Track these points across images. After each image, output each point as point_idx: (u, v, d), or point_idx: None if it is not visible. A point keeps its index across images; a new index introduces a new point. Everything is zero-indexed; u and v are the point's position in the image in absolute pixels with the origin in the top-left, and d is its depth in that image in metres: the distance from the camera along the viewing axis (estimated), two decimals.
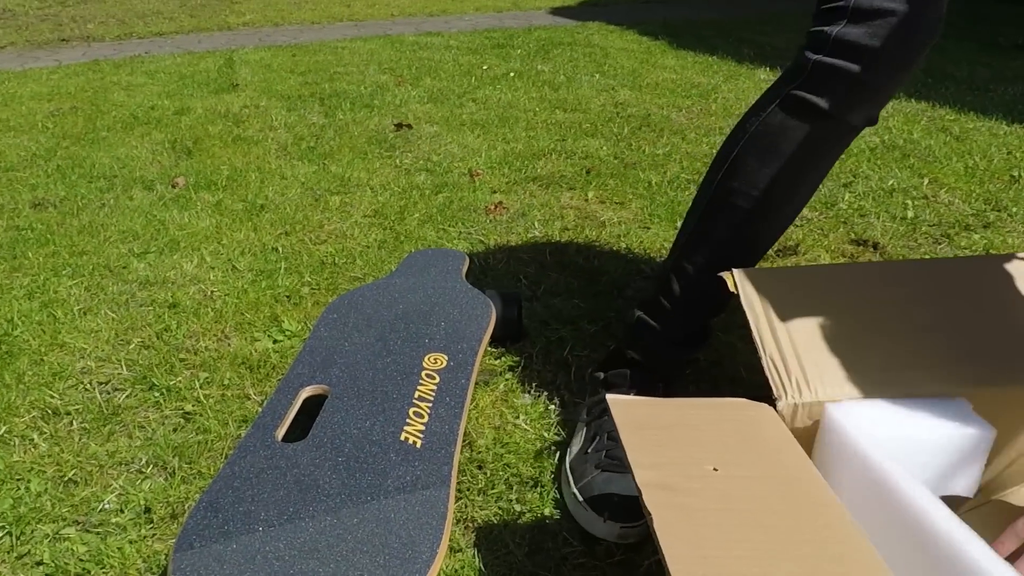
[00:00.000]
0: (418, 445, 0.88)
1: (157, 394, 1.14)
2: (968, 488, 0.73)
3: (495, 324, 1.18)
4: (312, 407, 1.02)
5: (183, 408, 1.11)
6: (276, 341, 1.27)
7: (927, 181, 1.94)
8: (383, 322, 1.14)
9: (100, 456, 1.02)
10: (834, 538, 0.58)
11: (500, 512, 0.91)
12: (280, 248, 1.61)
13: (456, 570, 0.83)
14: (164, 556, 0.86)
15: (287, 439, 0.92)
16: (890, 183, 1.93)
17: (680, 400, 0.75)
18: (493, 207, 1.79)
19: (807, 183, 0.89)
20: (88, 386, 1.17)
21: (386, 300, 1.20)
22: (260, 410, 1.03)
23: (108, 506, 0.94)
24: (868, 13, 0.78)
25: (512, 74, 3.21)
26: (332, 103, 2.75)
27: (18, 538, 0.89)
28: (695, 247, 0.95)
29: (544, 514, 0.91)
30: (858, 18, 0.78)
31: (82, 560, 0.86)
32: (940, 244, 1.60)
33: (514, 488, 0.95)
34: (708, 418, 0.72)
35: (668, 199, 1.83)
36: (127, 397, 1.14)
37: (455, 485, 0.86)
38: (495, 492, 0.94)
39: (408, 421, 0.92)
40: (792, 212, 0.91)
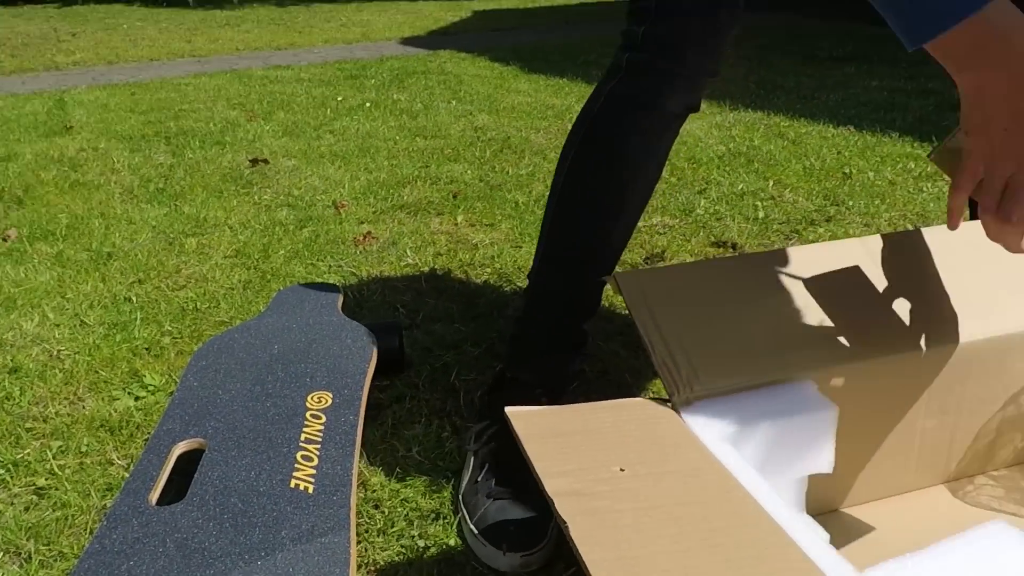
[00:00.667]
0: (310, 491, 0.83)
1: (2, 471, 1.02)
2: (826, 464, 0.78)
3: (377, 356, 1.13)
4: (188, 464, 0.94)
5: (35, 483, 1.00)
6: (138, 398, 1.17)
7: (772, 183, 2.06)
8: (259, 365, 1.07)
9: None
10: (743, 523, 0.59)
11: (403, 551, 0.87)
12: (134, 297, 1.50)
13: None
14: None
15: (162, 502, 0.84)
16: (740, 187, 2.03)
17: (580, 405, 0.74)
18: (362, 238, 1.74)
19: (644, 175, 0.92)
20: None
21: (259, 341, 1.14)
22: (127, 475, 0.94)
23: None
24: (670, 10, 0.83)
25: (368, 104, 3.17)
26: (180, 142, 2.61)
27: None
28: (551, 254, 0.96)
29: (449, 546, 0.88)
30: (662, 15, 0.84)
31: None
32: (791, 239, 1.70)
33: (415, 524, 0.91)
34: (609, 420, 0.71)
35: (536, 217, 1.85)
36: None
37: (355, 528, 0.81)
38: (395, 530, 0.90)
39: (297, 466, 0.86)
40: (637, 205, 0.94)
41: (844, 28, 5.18)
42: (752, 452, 0.76)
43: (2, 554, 0.89)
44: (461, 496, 0.92)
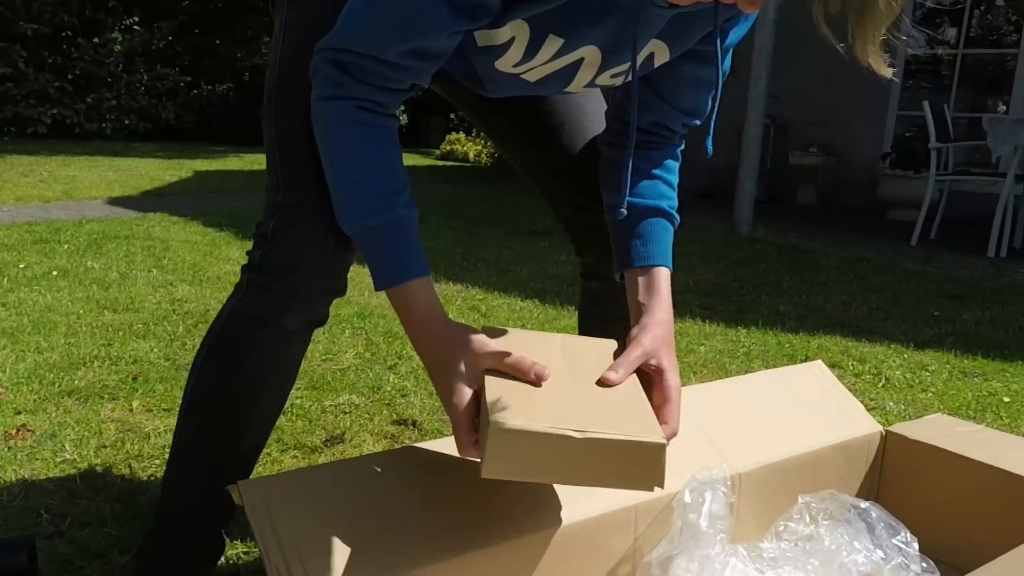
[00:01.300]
0: None
1: None
2: None
3: None
4: None
5: None
6: None
7: None
8: None
9: None
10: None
11: None
12: None
13: None
14: None
15: None
16: None
17: None
18: (15, 431, 1.60)
19: (269, 387, 0.97)
20: None
21: None
22: None
23: None
24: (284, 236, 0.92)
25: (55, 273, 2.97)
26: None
27: None
28: (178, 459, 0.97)
29: None
30: (276, 241, 0.92)
31: None
32: None
33: None
34: None
35: None
36: None
37: None
38: None
39: None
40: (264, 415, 0.99)
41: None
42: None
43: None
44: None
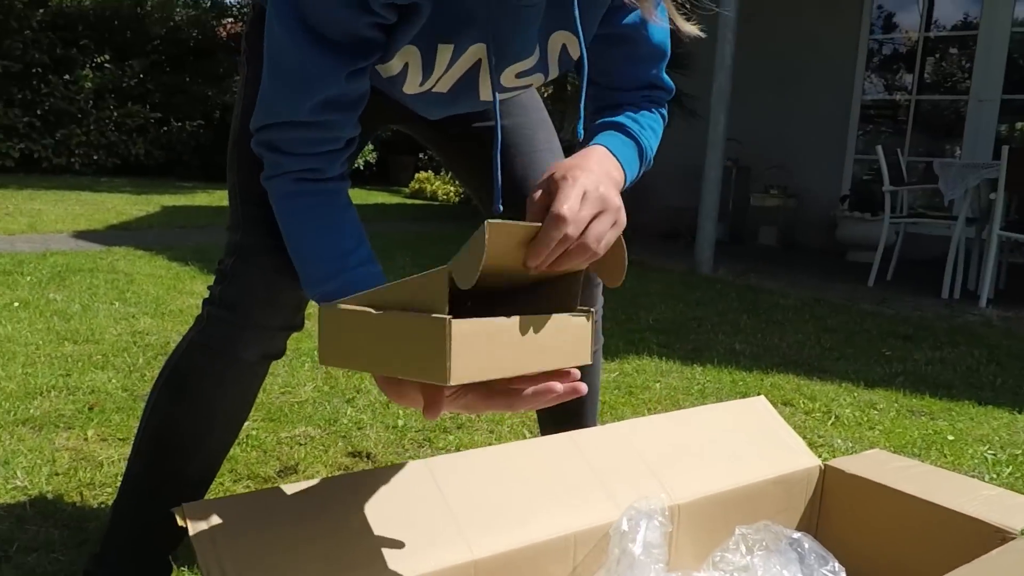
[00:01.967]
0: None
1: None
2: None
3: None
4: None
5: None
6: None
7: None
8: None
9: None
10: None
11: None
12: None
13: None
14: None
15: None
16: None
17: None
18: None
19: (223, 416, 1.00)
20: None
21: None
22: None
23: None
24: (239, 273, 0.97)
25: (16, 304, 2.96)
26: None
27: None
28: (129, 484, 0.99)
29: None
30: (233, 278, 0.97)
31: None
32: (423, 447, 1.85)
33: None
34: None
35: None
36: None
37: None
38: None
39: None
40: (217, 444, 1.01)
41: None
42: None
43: None
44: None
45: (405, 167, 12.25)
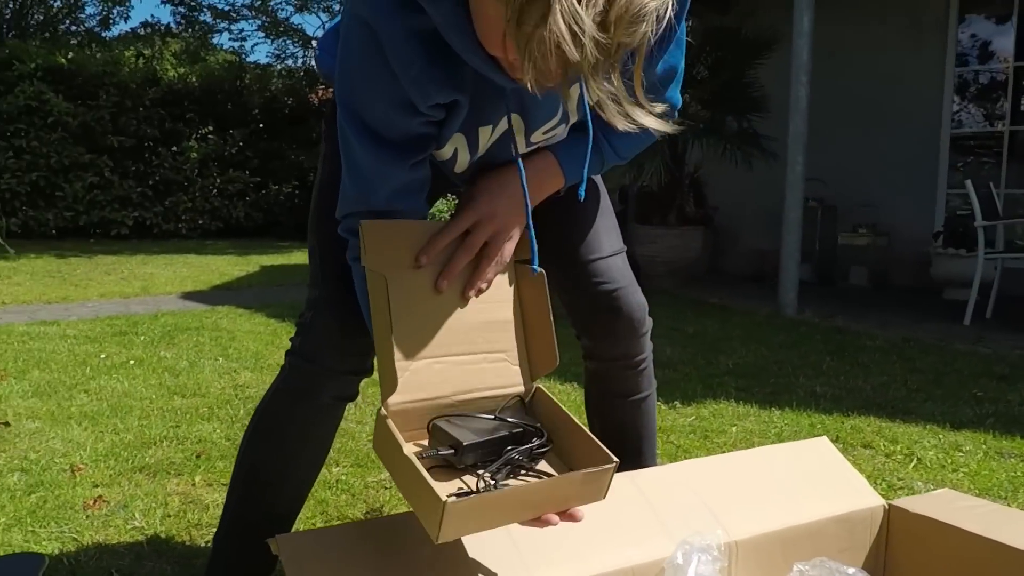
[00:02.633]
0: None
1: None
2: None
3: None
4: None
5: None
6: None
7: None
8: None
9: None
10: None
11: None
12: None
13: None
14: None
15: None
16: None
17: None
18: (92, 502, 1.78)
19: (306, 453, 1.13)
20: None
21: None
22: None
23: None
24: (314, 327, 1.10)
25: (132, 362, 3.22)
26: None
27: None
28: (227, 519, 1.12)
29: None
30: (310, 330, 1.11)
31: None
32: None
33: None
34: None
35: None
36: None
37: None
38: None
39: None
40: (300, 479, 1.14)
41: None
42: None
43: None
44: None
45: None
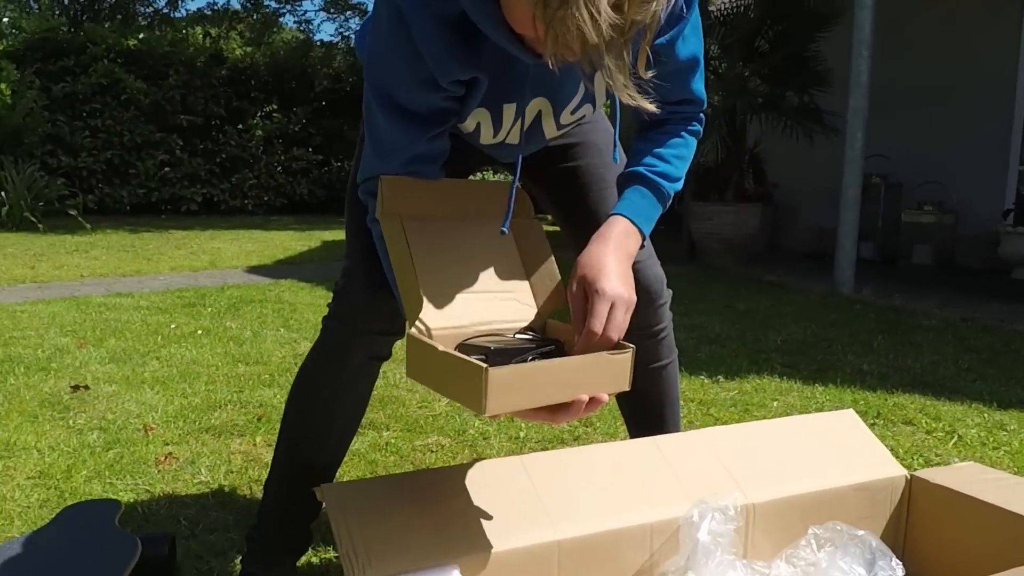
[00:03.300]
0: None
1: None
2: None
3: (146, 565, 1.32)
4: None
5: None
6: None
7: None
8: (19, 573, 1.24)
9: None
10: None
11: None
12: None
13: None
14: None
15: None
16: None
17: None
18: (163, 458, 1.94)
19: (341, 410, 1.23)
20: None
21: (24, 553, 1.30)
22: None
23: None
24: (347, 291, 1.20)
25: (200, 332, 3.41)
26: (3, 368, 2.73)
27: None
28: (275, 467, 1.24)
29: None
30: (342, 295, 1.20)
31: None
32: None
33: None
34: None
35: None
36: None
37: None
38: None
39: None
40: (340, 434, 1.25)
41: None
42: None
43: None
44: None
45: None
